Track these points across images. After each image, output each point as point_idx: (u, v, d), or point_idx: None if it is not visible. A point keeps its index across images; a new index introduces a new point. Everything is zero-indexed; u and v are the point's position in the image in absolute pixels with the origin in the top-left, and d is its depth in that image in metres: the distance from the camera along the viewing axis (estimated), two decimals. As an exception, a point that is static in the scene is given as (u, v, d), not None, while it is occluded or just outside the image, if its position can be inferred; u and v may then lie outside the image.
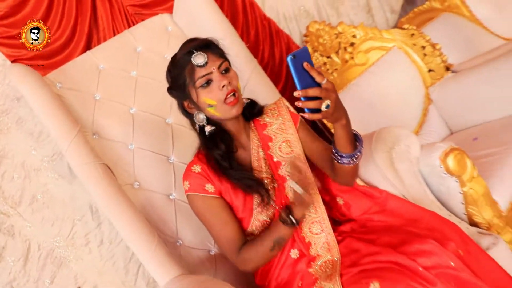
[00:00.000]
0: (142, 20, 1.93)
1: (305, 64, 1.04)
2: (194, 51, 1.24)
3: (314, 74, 1.05)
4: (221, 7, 2.01)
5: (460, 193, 1.45)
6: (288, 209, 1.18)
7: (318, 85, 1.05)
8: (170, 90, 1.35)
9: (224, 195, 1.30)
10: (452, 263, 1.09)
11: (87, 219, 1.74)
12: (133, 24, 1.92)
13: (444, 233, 1.23)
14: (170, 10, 1.97)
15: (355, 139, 1.20)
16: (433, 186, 1.50)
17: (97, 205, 1.63)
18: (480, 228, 1.45)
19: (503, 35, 2.52)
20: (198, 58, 1.24)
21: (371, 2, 2.58)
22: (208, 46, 1.27)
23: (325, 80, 1.06)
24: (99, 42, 1.87)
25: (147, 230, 1.49)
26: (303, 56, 1.04)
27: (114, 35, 1.88)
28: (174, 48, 1.44)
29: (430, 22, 2.53)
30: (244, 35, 2.12)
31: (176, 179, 1.69)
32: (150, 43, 1.85)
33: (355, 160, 1.19)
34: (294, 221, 1.16)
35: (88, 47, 1.85)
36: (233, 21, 2.08)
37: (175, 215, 1.66)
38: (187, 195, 1.31)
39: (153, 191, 1.66)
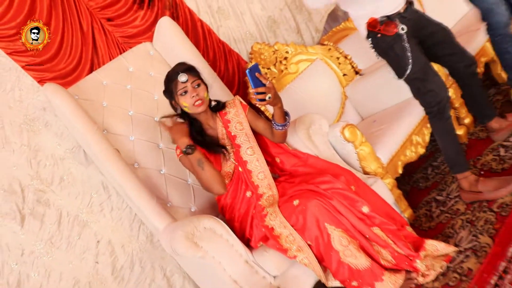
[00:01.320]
0: (130, 47, 2.62)
1: (256, 74, 1.78)
2: (180, 72, 1.97)
3: (261, 79, 1.79)
4: (187, 33, 2.73)
5: (355, 153, 2.21)
6: (188, 147, 1.92)
7: (264, 85, 1.80)
8: (164, 93, 2.07)
9: None
10: (340, 186, 1.85)
11: (101, 193, 2.40)
12: (123, 51, 2.61)
13: (343, 175, 1.98)
14: (150, 38, 2.67)
15: (286, 115, 1.96)
16: (338, 150, 2.26)
17: (111, 179, 2.27)
18: (369, 175, 2.23)
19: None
20: (182, 77, 1.96)
21: (300, 25, 3.36)
22: (189, 69, 2.00)
23: (268, 82, 1.81)
24: (99, 65, 2.54)
25: (148, 192, 2.17)
26: (255, 68, 1.79)
27: (110, 59, 2.56)
28: (156, 67, 2.18)
29: (346, 38, 3.33)
30: (205, 55, 2.83)
31: (164, 159, 2.38)
32: (138, 64, 2.54)
33: (285, 127, 1.98)
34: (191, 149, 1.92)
35: (91, 69, 2.52)
36: (196, 44, 2.79)
37: (165, 184, 2.35)
38: (179, 158, 2.02)
39: (148, 168, 2.34)
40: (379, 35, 1.99)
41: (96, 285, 2.30)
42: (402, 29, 1.93)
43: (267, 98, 1.80)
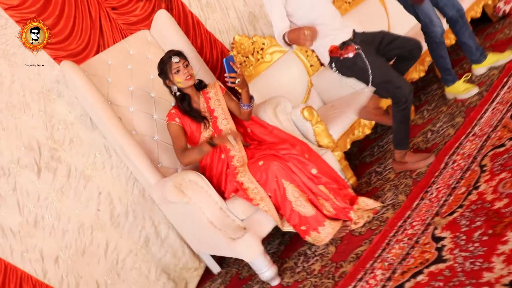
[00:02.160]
0: (131, 33, 3.11)
1: (231, 63, 2.31)
2: (172, 56, 2.48)
3: (234, 67, 2.33)
4: (179, 23, 3.22)
5: (312, 130, 2.77)
6: (211, 138, 2.44)
7: (235, 72, 2.33)
8: (159, 75, 2.58)
9: (184, 126, 2.54)
10: (295, 152, 2.40)
11: (103, 153, 2.90)
12: (125, 36, 3.09)
13: (299, 145, 2.54)
14: (148, 26, 3.16)
15: (251, 98, 2.50)
16: (299, 127, 2.81)
17: (113, 141, 2.75)
18: (322, 148, 2.78)
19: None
20: (175, 59, 2.47)
21: (277, 20, 3.89)
22: (179, 53, 2.51)
23: (239, 70, 2.34)
24: (105, 47, 3.01)
25: (144, 154, 2.69)
26: (230, 58, 2.32)
27: (114, 43, 3.04)
28: (152, 51, 2.70)
29: (316, 33, 3.85)
30: (193, 43, 3.33)
31: (157, 128, 2.90)
32: (138, 48, 3.03)
33: (250, 107, 2.54)
34: (213, 144, 2.43)
35: (98, 50, 2.99)
36: (187, 33, 3.29)
37: (157, 148, 2.87)
38: (167, 124, 2.55)
39: (144, 135, 2.85)
40: (341, 58, 2.43)
41: (97, 228, 2.81)
42: (358, 48, 2.41)
43: (236, 82, 2.36)
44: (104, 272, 2.78)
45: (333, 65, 2.50)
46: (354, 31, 2.52)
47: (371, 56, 2.43)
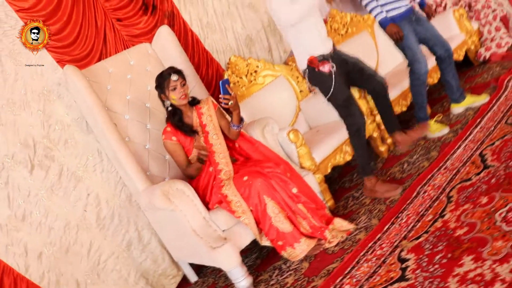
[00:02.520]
0: (133, 45, 3.26)
1: (226, 85, 2.48)
2: (172, 73, 2.63)
3: (229, 89, 2.49)
4: (179, 39, 3.38)
5: (296, 151, 2.93)
6: (200, 159, 2.57)
7: (230, 94, 2.49)
8: (156, 88, 2.73)
9: (180, 142, 2.68)
10: (278, 171, 2.56)
11: (95, 157, 3.01)
12: (127, 47, 3.24)
13: (283, 165, 2.69)
14: (150, 40, 3.31)
15: (241, 120, 2.66)
16: (284, 148, 2.97)
17: (107, 146, 2.87)
18: (304, 169, 2.94)
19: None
20: (174, 76, 2.63)
21: (272, 45, 4.08)
22: (179, 72, 2.67)
23: (233, 93, 2.51)
24: (107, 56, 3.15)
25: (135, 160, 2.82)
26: (226, 81, 2.50)
27: (116, 52, 3.19)
28: (152, 64, 2.87)
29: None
30: (191, 59, 3.49)
31: (150, 137, 3.03)
32: (138, 60, 3.19)
33: (239, 128, 2.70)
34: (201, 160, 2.57)
35: (100, 58, 3.13)
36: (185, 50, 3.46)
37: (147, 157, 2.99)
38: (163, 142, 2.68)
39: (136, 143, 2.98)
40: (316, 70, 2.71)
41: (82, 228, 2.90)
42: (333, 66, 2.65)
43: (229, 103, 2.52)
44: (85, 272, 2.87)
45: (307, 72, 2.80)
46: (334, 47, 2.78)
47: (339, 78, 2.74)
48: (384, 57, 4.49)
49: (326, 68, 2.65)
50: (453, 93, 3.44)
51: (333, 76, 2.67)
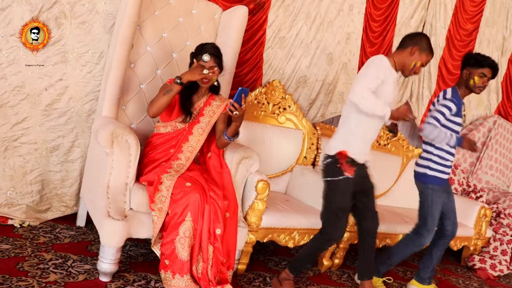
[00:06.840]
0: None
1: (242, 95, 2.28)
2: (209, 54, 2.45)
3: (243, 100, 2.30)
4: (248, 29, 3.21)
5: (252, 201, 2.72)
6: (179, 76, 2.35)
7: (240, 105, 2.30)
8: (191, 54, 2.56)
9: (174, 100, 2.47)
10: (220, 204, 2.34)
11: (95, 56, 2.82)
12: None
13: (229, 202, 2.48)
14: (226, 8, 3.14)
15: (236, 134, 2.47)
16: (246, 189, 2.75)
17: (112, 55, 2.65)
18: (245, 221, 2.72)
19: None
20: (205, 57, 2.45)
21: (316, 101, 3.87)
22: (216, 55, 2.50)
23: (244, 105, 2.31)
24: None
25: (120, 88, 2.62)
26: (245, 91, 2.30)
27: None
28: (209, 27, 2.74)
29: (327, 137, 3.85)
30: (243, 53, 3.31)
31: (151, 81, 2.84)
32: (201, 14, 3.03)
33: (230, 140, 2.51)
34: (179, 81, 2.34)
35: (173, -15, 2.98)
36: (245, 42, 3.26)
37: (134, 95, 2.80)
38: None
39: (136, 75, 2.79)
40: (338, 165, 2.48)
41: (31, 99, 2.71)
42: (353, 176, 2.46)
43: (235, 113, 2.32)
44: (2, 136, 2.66)
45: (328, 160, 2.56)
46: (366, 161, 2.64)
47: (351, 188, 2.54)
48: (396, 191, 4.31)
49: (348, 172, 2.46)
50: (425, 271, 3.16)
51: (346, 182, 2.48)
